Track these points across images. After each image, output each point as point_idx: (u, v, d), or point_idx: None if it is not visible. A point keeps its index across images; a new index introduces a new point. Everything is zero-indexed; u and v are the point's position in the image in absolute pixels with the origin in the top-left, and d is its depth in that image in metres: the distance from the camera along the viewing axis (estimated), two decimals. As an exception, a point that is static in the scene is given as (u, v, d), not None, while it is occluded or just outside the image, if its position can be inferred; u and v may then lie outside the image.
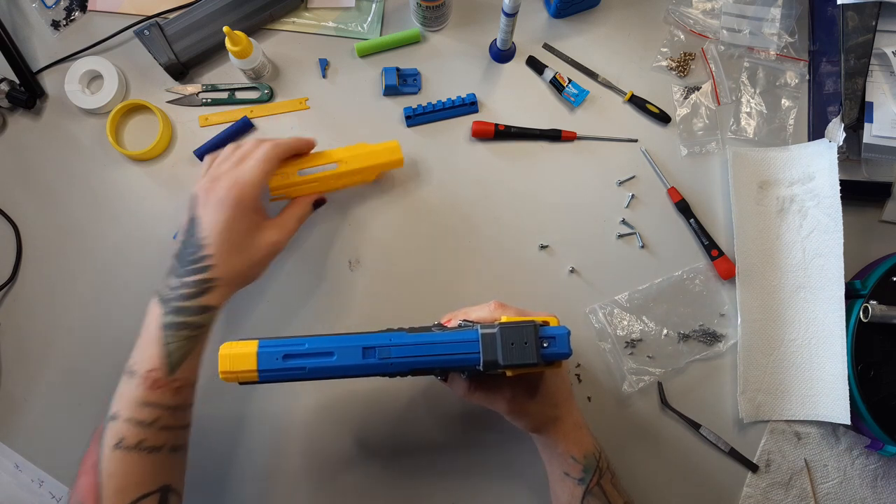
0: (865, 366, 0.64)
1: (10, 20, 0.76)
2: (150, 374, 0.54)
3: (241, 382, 0.49)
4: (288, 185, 0.64)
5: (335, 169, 0.64)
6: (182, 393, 0.55)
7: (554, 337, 0.48)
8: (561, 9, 0.75)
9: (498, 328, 0.48)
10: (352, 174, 0.65)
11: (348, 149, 0.66)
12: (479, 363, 0.48)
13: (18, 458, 0.70)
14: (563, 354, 0.48)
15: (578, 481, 0.56)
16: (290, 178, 0.64)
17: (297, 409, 0.69)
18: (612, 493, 0.57)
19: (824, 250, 0.69)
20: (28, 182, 0.74)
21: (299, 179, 0.64)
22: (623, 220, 0.73)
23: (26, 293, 0.73)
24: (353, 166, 0.65)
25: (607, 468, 0.58)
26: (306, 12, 0.76)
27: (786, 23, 0.75)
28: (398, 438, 0.69)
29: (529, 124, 0.74)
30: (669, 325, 0.71)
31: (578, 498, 0.56)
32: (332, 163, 0.64)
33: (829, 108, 0.72)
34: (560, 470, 0.57)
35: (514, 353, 0.47)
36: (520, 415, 0.56)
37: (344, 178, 0.65)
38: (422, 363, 0.48)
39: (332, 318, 0.71)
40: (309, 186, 0.65)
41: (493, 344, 0.47)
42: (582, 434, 0.58)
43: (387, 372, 0.49)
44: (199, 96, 0.75)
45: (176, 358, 0.54)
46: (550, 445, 0.58)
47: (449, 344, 0.48)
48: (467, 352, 0.48)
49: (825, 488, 0.69)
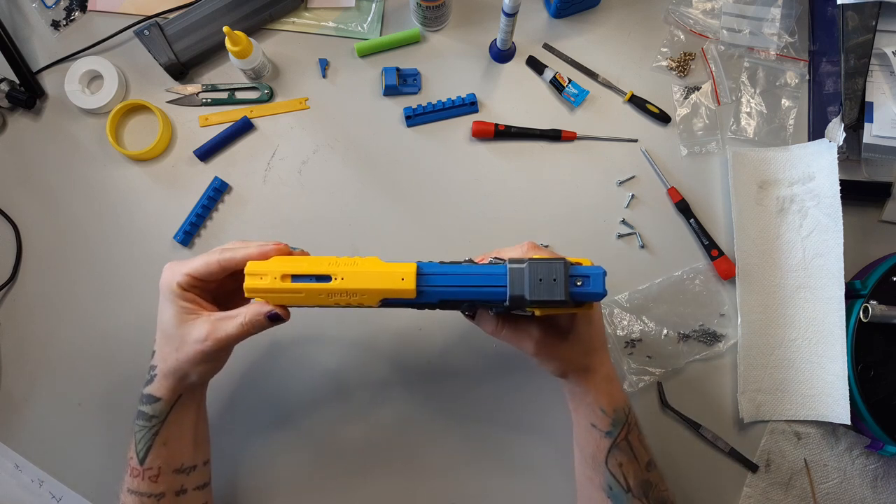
0: (865, 366, 0.64)
1: (10, 20, 0.76)
2: (130, 462, 0.55)
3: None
4: (265, 290, 0.49)
5: (328, 284, 0.49)
6: (162, 482, 0.54)
7: (588, 276, 0.46)
8: (561, 9, 0.75)
9: (527, 263, 0.46)
10: (347, 294, 0.49)
11: (356, 261, 0.50)
12: (505, 298, 0.46)
13: (18, 458, 0.70)
14: (595, 295, 0.46)
15: (606, 434, 0.56)
16: (268, 283, 0.49)
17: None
18: (638, 449, 0.56)
19: (824, 250, 0.69)
20: (28, 182, 0.74)
21: (281, 286, 0.49)
22: (623, 220, 0.73)
23: (26, 293, 0.73)
24: (349, 285, 0.49)
25: (635, 423, 0.57)
26: (306, 12, 0.76)
27: (786, 23, 0.75)
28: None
29: (529, 124, 0.74)
30: (669, 325, 0.71)
31: (604, 450, 0.56)
32: (325, 275, 0.49)
33: (829, 108, 0.72)
34: (587, 420, 0.57)
35: (541, 289, 0.45)
36: (549, 357, 0.55)
37: (336, 297, 0.49)
38: (450, 293, 0.47)
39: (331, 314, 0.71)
40: (292, 297, 0.50)
41: (521, 279, 0.45)
42: (613, 387, 0.57)
43: (416, 302, 0.48)
44: (199, 96, 0.75)
45: (141, 447, 0.54)
46: (579, 394, 0.57)
47: (477, 276, 0.47)
48: (494, 284, 0.46)
49: (825, 488, 0.69)
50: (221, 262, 0.51)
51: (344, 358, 0.70)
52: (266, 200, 0.74)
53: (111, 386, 0.71)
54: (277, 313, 0.51)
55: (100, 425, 0.70)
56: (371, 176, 0.74)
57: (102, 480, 0.69)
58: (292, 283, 0.49)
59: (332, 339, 0.71)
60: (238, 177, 0.74)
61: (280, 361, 0.70)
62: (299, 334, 0.71)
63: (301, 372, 0.70)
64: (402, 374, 0.70)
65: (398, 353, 0.70)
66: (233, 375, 0.70)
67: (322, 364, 0.70)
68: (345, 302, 0.49)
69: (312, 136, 0.75)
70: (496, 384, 0.70)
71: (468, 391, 0.70)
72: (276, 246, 0.52)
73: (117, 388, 0.70)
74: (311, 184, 0.74)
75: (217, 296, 0.55)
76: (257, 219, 0.73)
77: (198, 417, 0.57)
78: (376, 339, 0.71)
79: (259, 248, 0.51)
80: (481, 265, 0.48)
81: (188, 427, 0.56)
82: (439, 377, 0.70)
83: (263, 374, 0.70)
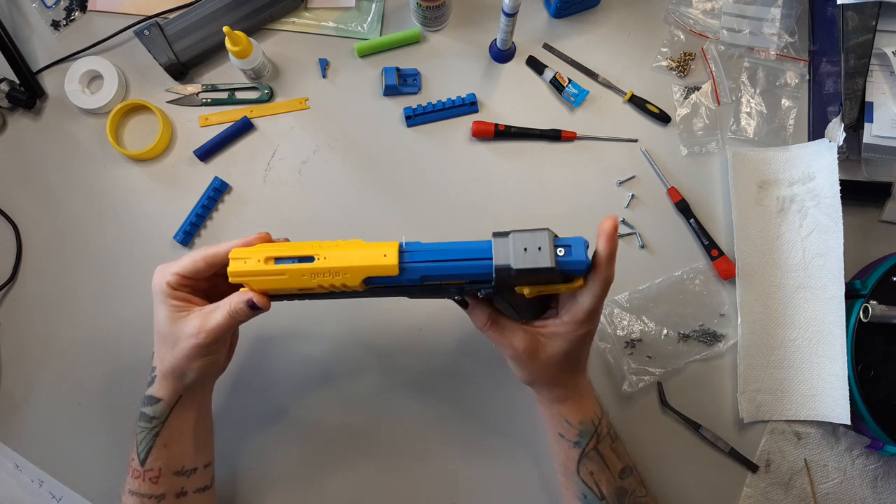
0: (865, 366, 0.64)
1: (10, 20, 0.76)
2: (132, 463, 0.55)
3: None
4: (249, 272, 0.49)
5: (310, 264, 0.49)
6: (162, 483, 0.55)
7: (569, 245, 0.45)
8: (561, 9, 0.75)
9: (511, 233, 0.45)
10: (330, 274, 0.49)
11: (338, 244, 0.51)
12: (491, 270, 0.45)
13: (18, 458, 0.70)
14: (579, 263, 0.45)
15: (574, 444, 0.56)
16: (252, 265, 0.49)
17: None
18: (610, 458, 0.56)
19: (824, 250, 0.69)
20: (28, 182, 0.74)
21: (264, 269, 0.49)
22: (623, 220, 0.73)
23: (26, 293, 0.73)
24: (331, 264, 0.49)
25: (607, 433, 0.57)
26: (306, 12, 0.76)
27: (786, 23, 0.75)
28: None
29: (529, 124, 0.74)
30: (669, 325, 0.71)
31: (574, 460, 0.56)
32: (308, 256, 0.50)
33: (829, 108, 0.72)
34: (554, 430, 0.57)
35: (527, 258, 0.44)
36: (522, 365, 0.55)
37: (319, 278, 0.50)
38: (434, 269, 0.47)
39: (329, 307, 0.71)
40: (275, 280, 0.50)
41: (506, 249, 0.45)
42: (583, 399, 0.57)
43: (401, 283, 0.47)
44: (199, 96, 0.75)
45: (142, 449, 0.54)
46: (545, 403, 0.57)
47: (462, 250, 0.46)
48: (479, 257, 0.46)
49: (825, 488, 0.69)
50: (206, 257, 0.52)
51: (342, 357, 0.71)
52: (266, 200, 0.74)
53: (111, 386, 0.71)
54: (255, 301, 0.50)
55: (100, 425, 0.70)
56: (371, 176, 0.74)
57: (102, 480, 0.69)
58: (275, 265, 0.49)
59: (331, 338, 0.71)
60: (238, 177, 0.74)
61: (278, 362, 0.70)
62: (299, 333, 0.71)
63: (300, 370, 0.70)
64: (402, 372, 0.70)
65: (399, 351, 0.71)
66: (229, 373, 0.70)
67: (322, 364, 0.70)
68: (328, 283, 0.49)
69: (312, 136, 0.75)
70: (495, 380, 0.70)
71: (467, 387, 0.70)
72: (258, 235, 0.53)
73: (117, 388, 0.70)
74: (311, 184, 0.74)
75: (211, 297, 0.55)
76: (257, 219, 0.73)
77: (199, 419, 0.57)
78: (376, 337, 0.71)
79: (242, 240, 0.52)
80: (466, 241, 0.48)
81: (189, 429, 0.56)
82: (439, 374, 0.70)
83: (261, 372, 0.70)
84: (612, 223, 0.47)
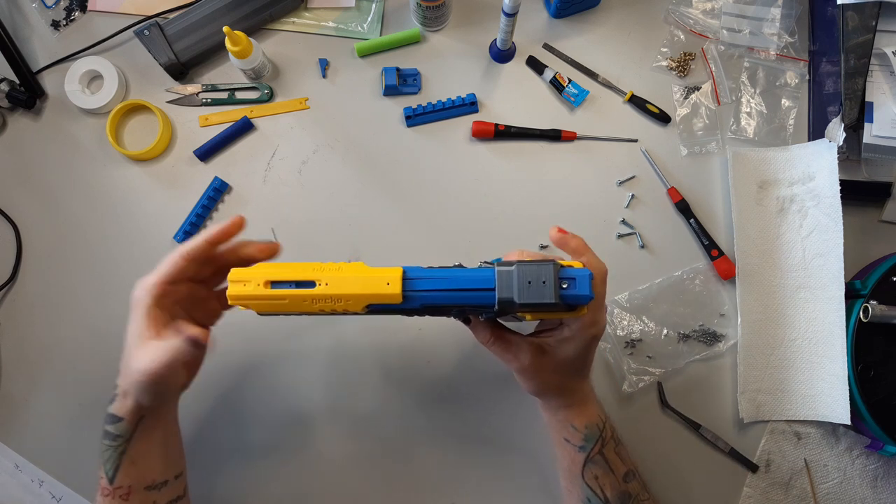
0: (865, 366, 0.64)
1: (10, 20, 0.76)
2: (101, 482, 0.53)
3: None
4: (249, 297, 0.48)
5: (312, 290, 0.47)
6: (134, 499, 0.53)
7: (574, 278, 0.44)
8: (561, 9, 0.75)
9: (516, 265, 0.45)
10: (331, 300, 0.48)
11: (341, 267, 0.49)
12: (494, 302, 0.45)
13: (18, 458, 0.70)
14: (583, 297, 0.44)
15: (579, 448, 0.56)
16: (251, 289, 0.48)
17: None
18: (614, 461, 0.56)
19: (824, 250, 0.69)
20: (28, 182, 0.74)
21: (263, 293, 0.48)
22: (623, 220, 0.73)
23: (26, 293, 0.73)
24: (333, 291, 0.47)
25: (611, 437, 0.57)
26: (306, 12, 0.76)
27: (786, 23, 0.75)
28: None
29: (529, 124, 0.74)
30: (669, 325, 0.71)
31: (579, 464, 0.56)
32: (309, 280, 0.48)
33: (829, 108, 0.72)
34: (560, 435, 0.57)
35: (531, 292, 0.44)
36: (529, 378, 0.54)
37: (321, 303, 0.48)
38: (437, 297, 0.46)
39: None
40: (276, 304, 0.48)
41: (510, 282, 0.44)
42: (587, 404, 0.57)
43: (403, 308, 0.47)
44: (199, 96, 0.75)
45: (109, 467, 0.53)
46: (551, 410, 0.57)
47: (465, 280, 0.46)
48: (483, 288, 0.45)
49: (825, 488, 0.69)
50: (183, 254, 0.51)
51: (342, 357, 0.71)
52: (266, 200, 0.74)
53: (111, 386, 0.70)
54: (196, 338, 0.48)
55: (100, 425, 0.70)
56: (371, 176, 0.74)
57: (102, 480, 0.69)
58: (275, 290, 0.47)
59: (331, 338, 0.71)
60: (238, 177, 0.74)
61: (278, 361, 0.70)
62: (300, 333, 0.71)
63: (300, 369, 0.70)
64: (401, 371, 0.70)
65: (399, 352, 0.71)
66: (226, 384, 0.70)
67: (322, 364, 0.71)
68: (330, 308, 0.48)
69: (312, 136, 0.75)
70: (495, 380, 0.70)
71: (467, 388, 0.70)
72: (233, 220, 0.53)
73: (117, 388, 0.70)
74: (311, 184, 0.74)
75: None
76: (257, 219, 0.73)
77: (167, 433, 0.56)
78: (376, 337, 0.71)
79: (217, 228, 0.52)
80: (469, 269, 0.47)
81: (157, 443, 0.54)
82: (439, 374, 0.70)
83: (252, 385, 0.70)
84: (556, 229, 0.52)
